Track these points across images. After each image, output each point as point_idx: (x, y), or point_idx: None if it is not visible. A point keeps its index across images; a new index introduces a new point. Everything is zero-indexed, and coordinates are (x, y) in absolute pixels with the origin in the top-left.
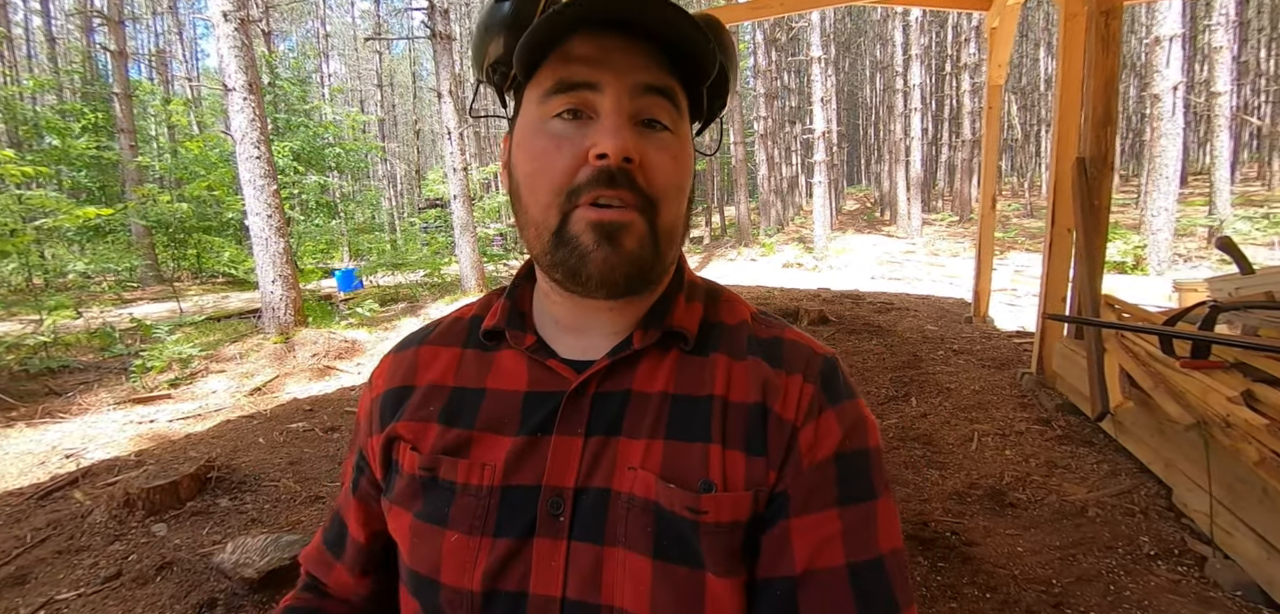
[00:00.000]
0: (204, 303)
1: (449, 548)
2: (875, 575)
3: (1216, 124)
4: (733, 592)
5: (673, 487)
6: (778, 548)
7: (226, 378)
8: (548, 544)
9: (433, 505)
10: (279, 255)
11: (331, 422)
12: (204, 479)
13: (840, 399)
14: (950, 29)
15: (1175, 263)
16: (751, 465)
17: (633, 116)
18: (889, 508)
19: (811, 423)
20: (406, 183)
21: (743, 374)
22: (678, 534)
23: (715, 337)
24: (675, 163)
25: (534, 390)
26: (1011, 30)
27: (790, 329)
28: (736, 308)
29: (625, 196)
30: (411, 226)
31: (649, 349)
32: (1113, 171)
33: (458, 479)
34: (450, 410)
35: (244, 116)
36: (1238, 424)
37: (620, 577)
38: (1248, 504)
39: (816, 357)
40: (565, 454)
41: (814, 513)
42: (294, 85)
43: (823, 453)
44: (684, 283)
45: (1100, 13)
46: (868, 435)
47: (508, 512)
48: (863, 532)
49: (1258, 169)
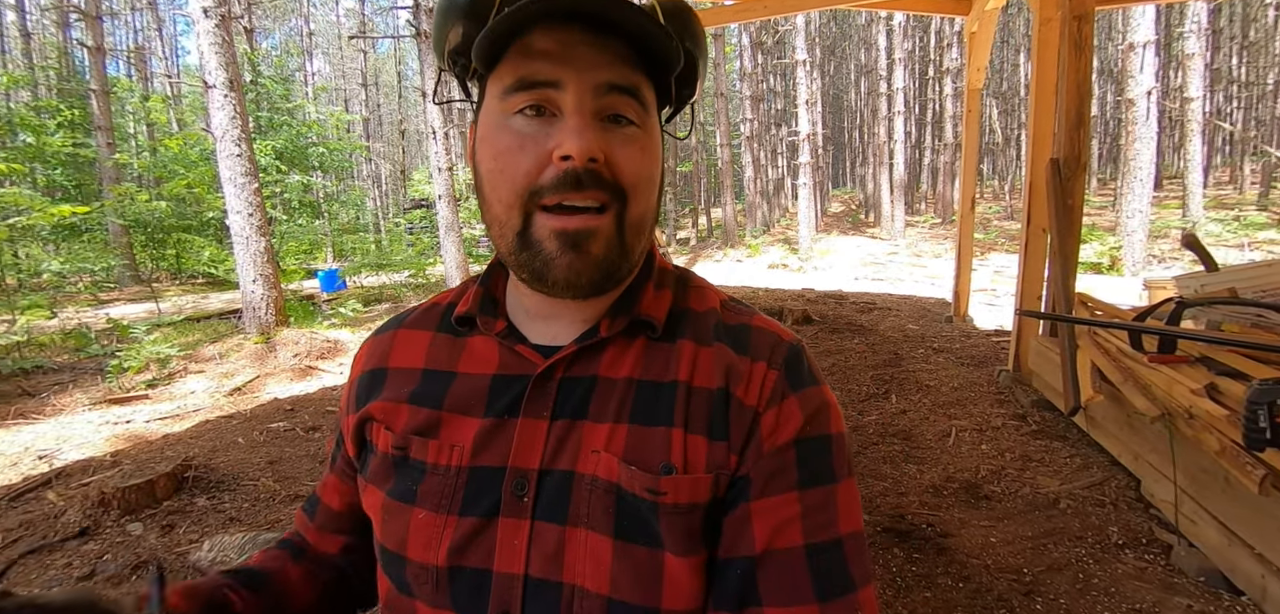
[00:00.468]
0: (183, 303)
1: (416, 525)
2: (832, 556)
3: (1189, 129)
4: (690, 571)
5: (634, 469)
6: (738, 529)
7: (206, 378)
8: (511, 524)
9: (403, 484)
10: (260, 254)
11: (313, 421)
12: (181, 478)
13: (803, 385)
14: (933, 34)
15: (1149, 264)
16: (713, 449)
17: (597, 113)
18: (850, 491)
19: (774, 408)
20: (391, 183)
21: (708, 360)
22: (638, 515)
23: (683, 323)
24: (643, 155)
25: (502, 374)
26: (990, 35)
27: (758, 317)
28: (706, 295)
29: (593, 195)
30: (396, 227)
31: (616, 336)
32: (1085, 172)
33: (427, 459)
34: (420, 392)
35: (225, 114)
36: (1200, 415)
37: (582, 556)
38: (1210, 493)
39: (781, 343)
40: (530, 437)
41: (773, 495)
42: (277, 83)
43: (783, 437)
44: (654, 270)
45: (1073, 17)
46: (830, 421)
47: (474, 491)
48: (821, 514)
49: (1229, 173)
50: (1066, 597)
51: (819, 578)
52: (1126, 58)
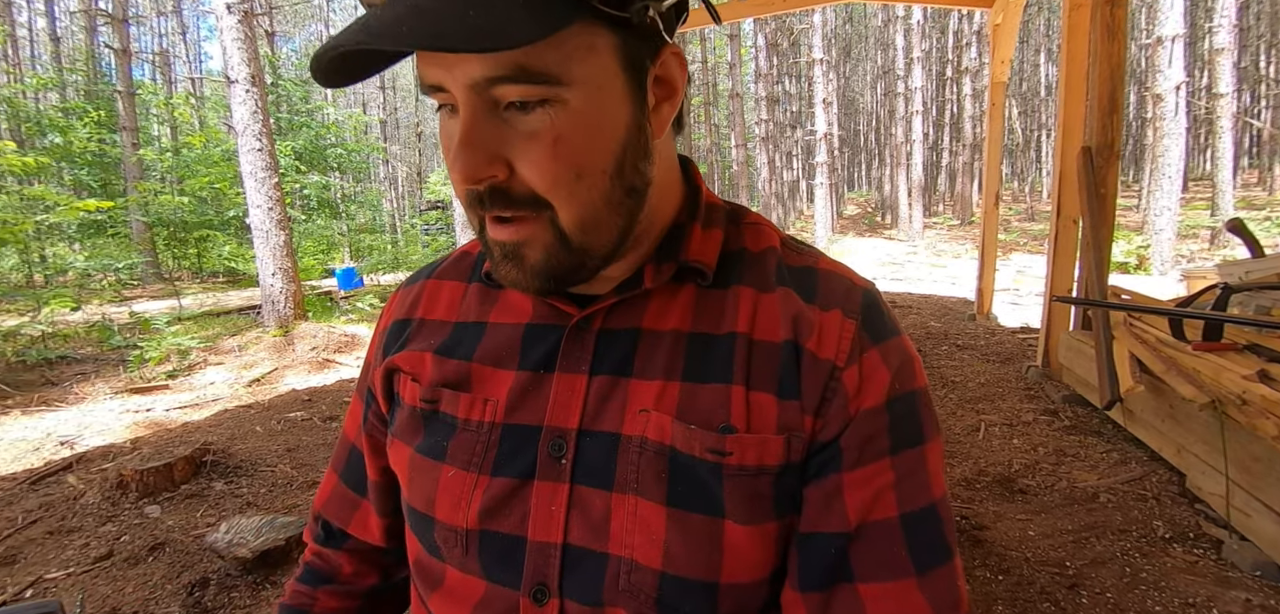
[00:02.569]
0: (204, 299)
1: (445, 483)
2: (927, 524)
3: (1219, 126)
4: (754, 540)
5: (692, 428)
6: (827, 502)
7: (225, 369)
8: (548, 488)
9: (432, 439)
10: (279, 248)
11: (330, 411)
12: (199, 462)
13: (885, 335)
14: (950, 34)
15: (1177, 263)
16: (784, 409)
17: (493, 108)
18: (937, 451)
19: (855, 364)
20: (407, 185)
21: (770, 308)
22: (696, 479)
23: (738, 266)
24: (558, 146)
25: (535, 323)
26: (1015, 27)
27: (825, 258)
28: (763, 233)
29: (509, 212)
30: (412, 228)
31: (661, 285)
32: (1119, 160)
33: (458, 414)
34: (450, 343)
35: (246, 109)
36: (1254, 401)
37: (630, 524)
38: (1266, 483)
39: (856, 289)
40: (567, 393)
41: (867, 465)
42: (297, 86)
43: (872, 398)
44: (700, 208)
45: (1105, 2)
46: (915, 375)
47: (507, 450)
48: (914, 479)
49: (1258, 175)
50: (1113, 590)
51: (916, 549)
52: (1154, 52)
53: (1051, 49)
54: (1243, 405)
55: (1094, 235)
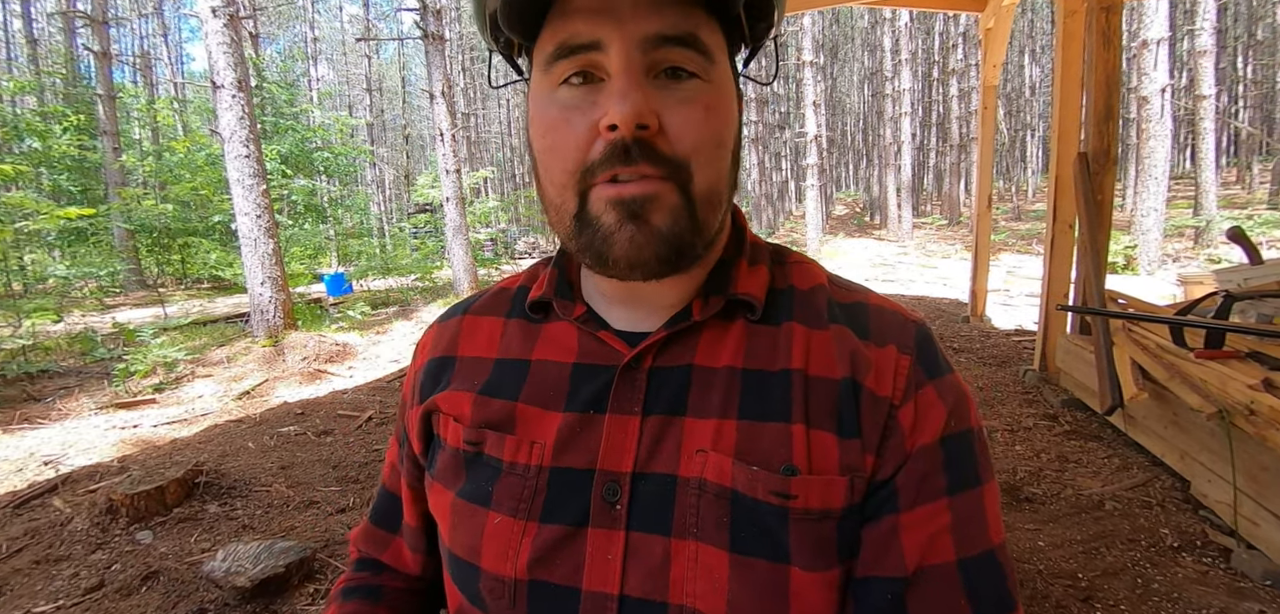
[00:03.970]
0: (189, 307)
1: (491, 530)
2: (988, 571)
3: (1202, 126)
4: (821, 588)
5: (755, 470)
6: (884, 545)
7: (213, 382)
8: (603, 536)
9: (475, 483)
10: (268, 256)
11: (324, 425)
12: (191, 484)
13: (939, 372)
14: (937, 36)
15: (1164, 263)
16: (845, 448)
17: (648, 71)
18: (994, 494)
19: (910, 401)
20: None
21: (824, 345)
22: (760, 524)
23: (787, 303)
24: (708, 113)
25: (583, 363)
26: (1006, 31)
27: (873, 294)
28: (809, 271)
29: (646, 170)
30: (401, 232)
31: (711, 319)
32: (1115, 166)
33: (504, 457)
34: (494, 382)
35: (233, 114)
36: (1263, 411)
37: (692, 572)
38: (1274, 492)
39: (908, 324)
40: (620, 435)
41: (924, 505)
42: (282, 88)
43: (927, 436)
44: (745, 244)
45: (1100, 9)
46: (970, 413)
47: (557, 496)
48: (973, 523)
49: (1237, 173)
50: (1127, 603)
51: (976, 599)
52: (1140, 55)
53: (1035, 50)
54: (1251, 415)
55: (1091, 240)
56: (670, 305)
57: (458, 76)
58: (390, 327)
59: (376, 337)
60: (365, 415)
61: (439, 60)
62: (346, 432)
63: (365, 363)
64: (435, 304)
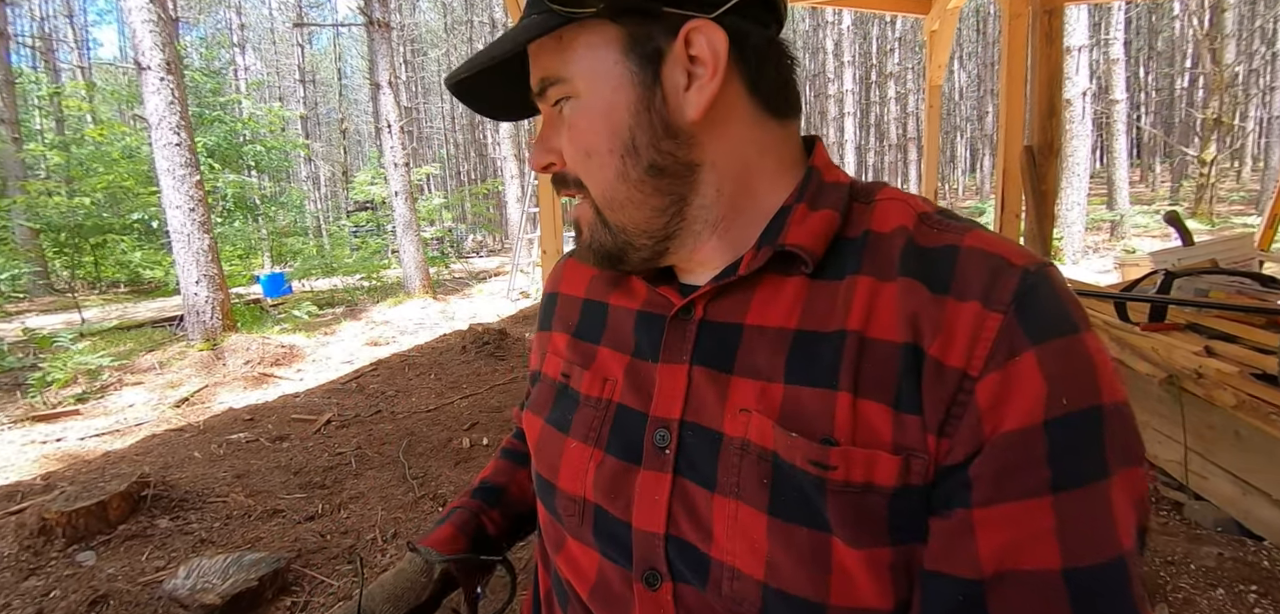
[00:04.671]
0: (108, 312)
1: (568, 454)
2: (1104, 584)
3: (1115, 128)
4: (868, 566)
5: (795, 436)
6: (954, 540)
7: (145, 390)
8: (652, 477)
9: (560, 411)
10: (203, 253)
11: (278, 430)
12: (137, 498)
13: (1047, 333)
14: (874, 40)
15: (1087, 253)
16: (901, 425)
17: (554, 113)
18: (1129, 486)
19: (996, 371)
20: (331, 185)
21: (889, 301)
22: (799, 491)
23: (858, 251)
24: (572, 131)
25: (645, 311)
26: (950, 34)
27: (974, 232)
28: (893, 210)
29: (567, 193)
30: (340, 230)
31: (764, 273)
32: (1057, 157)
33: (582, 389)
34: (582, 322)
35: (161, 98)
36: (1210, 374)
37: (732, 530)
38: (1220, 448)
39: (1010, 270)
40: (671, 383)
41: (1012, 502)
42: (207, 76)
43: (1018, 418)
44: (808, 187)
45: (1044, 12)
46: (1096, 385)
47: (619, 429)
48: (1089, 524)
49: (1140, 173)
50: None
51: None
52: (1064, 60)
53: (962, 57)
54: (1199, 378)
55: (1038, 229)
56: (723, 259)
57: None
58: (339, 327)
59: (325, 337)
60: (323, 418)
61: (386, 49)
62: (304, 436)
63: (315, 365)
64: (385, 303)
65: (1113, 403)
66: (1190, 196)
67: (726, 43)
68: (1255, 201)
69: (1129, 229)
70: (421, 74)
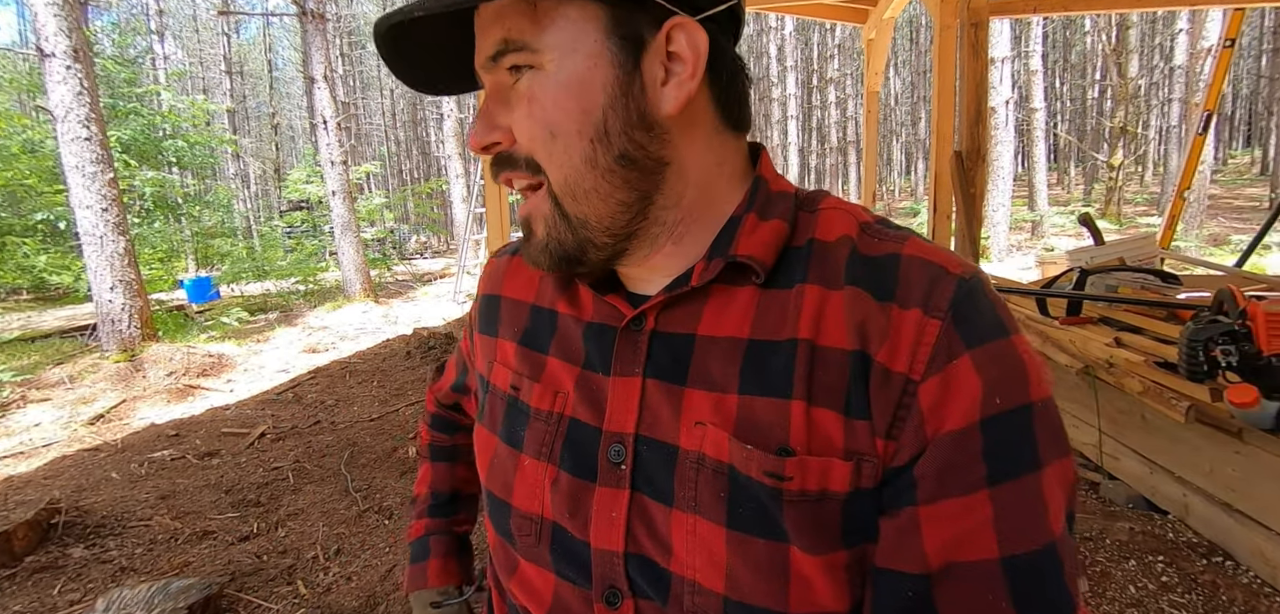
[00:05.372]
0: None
1: (522, 471)
2: (1039, 568)
3: (1034, 134)
4: (825, 571)
5: (750, 448)
6: (901, 537)
7: (53, 407)
8: (609, 494)
9: (510, 427)
10: (118, 256)
11: (206, 446)
12: (46, 526)
13: (982, 336)
14: (815, 46)
15: (1011, 251)
16: (851, 431)
17: (502, 84)
18: (1059, 477)
19: (936, 375)
20: (262, 184)
21: (837, 309)
22: (756, 503)
23: (806, 260)
24: (532, 105)
25: (594, 322)
26: (887, 42)
27: (914, 240)
28: (838, 218)
29: (514, 179)
30: (272, 231)
31: (716, 283)
32: (984, 162)
33: (532, 403)
34: (530, 330)
35: (68, 88)
36: (1120, 363)
37: (692, 544)
38: (1129, 431)
39: (946, 278)
40: (623, 396)
41: (952, 497)
42: (121, 65)
43: (958, 418)
44: (759, 194)
45: (970, 24)
46: (1026, 384)
47: (573, 445)
48: (1024, 514)
49: (1057, 176)
50: None
51: (1024, 600)
52: (989, 70)
53: (897, 64)
54: (1110, 368)
55: (967, 229)
56: (675, 268)
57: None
58: (272, 334)
59: (257, 345)
60: (257, 432)
61: (320, 41)
62: (236, 451)
63: (247, 375)
64: (322, 308)
65: (1041, 400)
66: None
67: (707, 45)
68: (1156, 202)
69: (1048, 229)
70: (360, 68)
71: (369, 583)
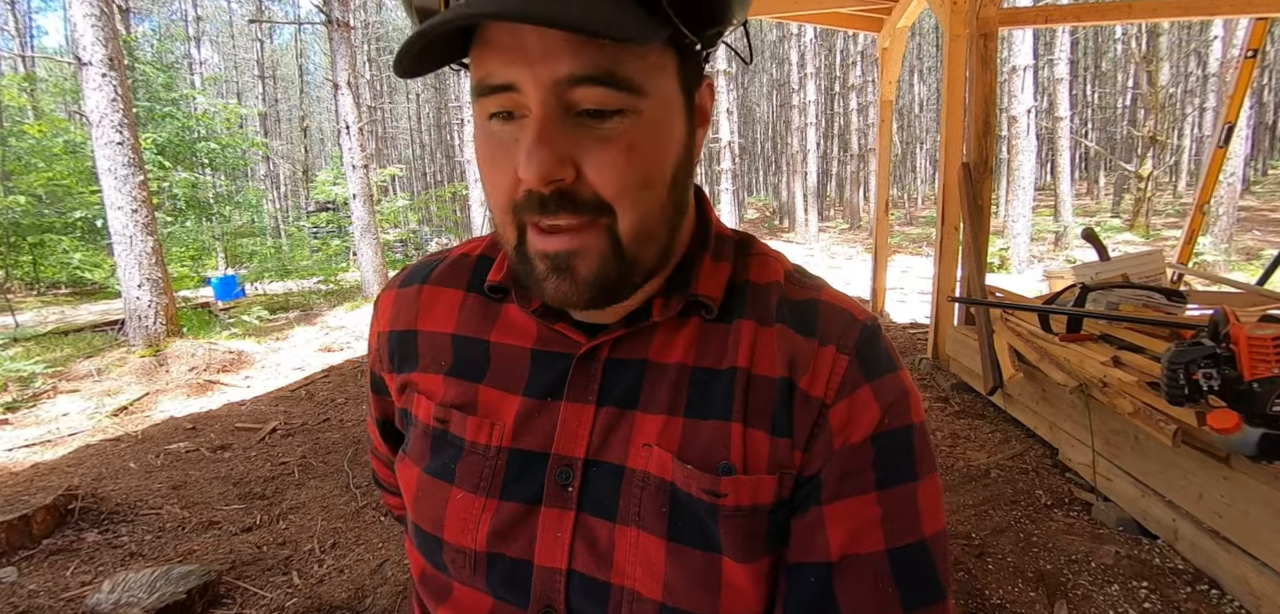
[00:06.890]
0: (46, 316)
1: (454, 506)
2: (918, 560)
3: (1059, 144)
4: (751, 577)
5: (690, 468)
6: (809, 534)
7: (81, 398)
8: (554, 515)
9: (440, 461)
10: (146, 255)
11: (221, 440)
12: (64, 511)
13: (879, 372)
14: (838, 53)
15: (1032, 262)
16: (775, 447)
17: (567, 111)
18: (932, 488)
19: (844, 400)
20: (291, 184)
21: (768, 343)
22: (694, 517)
23: (742, 299)
24: (631, 153)
25: (541, 349)
26: (901, 51)
27: (828, 290)
28: (769, 265)
29: (566, 220)
30: (299, 231)
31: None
32: (992, 175)
33: (465, 436)
34: (457, 362)
35: (103, 95)
36: (1113, 383)
37: (632, 556)
38: (1123, 452)
39: (854, 324)
40: (575, 422)
41: (849, 497)
42: (158, 71)
43: (857, 433)
44: (710, 238)
45: (980, 36)
46: (909, 410)
47: (514, 475)
48: (904, 515)
49: (1086, 186)
50: (1013, 555)
51: (905, 585)
52: (1011, 79)
53: (923, 71)
54: (1104, 387)
55: (973, 241)
56: (629, 304)
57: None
58: (291, 332)
59: (276, 343)
60: (268, 427)
61: (345, 49)
62: (247, 446)
63: (264, 372)
64: (341, 308)
65: (919, 423)
66: (1129, 210)
67: (713, 94)
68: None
69: (1072, 239)
70: (386, 73)
71: (359, 576)
